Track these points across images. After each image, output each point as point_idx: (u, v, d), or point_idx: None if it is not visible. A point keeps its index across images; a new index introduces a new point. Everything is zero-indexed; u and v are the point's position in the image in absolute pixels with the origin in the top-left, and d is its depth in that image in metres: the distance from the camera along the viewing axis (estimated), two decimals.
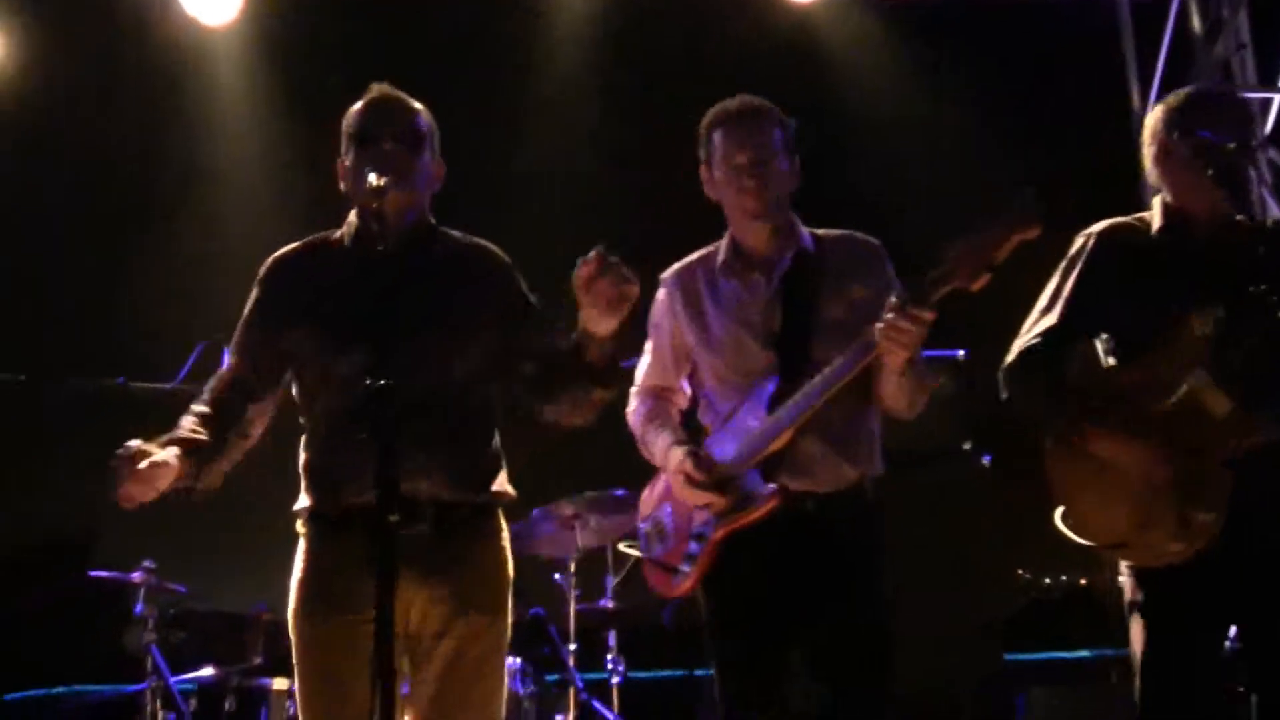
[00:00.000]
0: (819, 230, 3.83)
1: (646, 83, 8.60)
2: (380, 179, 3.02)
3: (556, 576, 6.14)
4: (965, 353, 5.46)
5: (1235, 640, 3.61)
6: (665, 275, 3.92)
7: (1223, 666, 3.49)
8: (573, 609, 6.05)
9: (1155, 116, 3.68)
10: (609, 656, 6.14)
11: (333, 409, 3.27)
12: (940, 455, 3.79)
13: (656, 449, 3.83)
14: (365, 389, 2.70)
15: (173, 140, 8.01)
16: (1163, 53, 7.83)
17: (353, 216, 3.43)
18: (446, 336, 3.28)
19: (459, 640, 3.22)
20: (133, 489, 2.98)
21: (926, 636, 3.65)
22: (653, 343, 3.93)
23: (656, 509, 3.92)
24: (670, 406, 3.93)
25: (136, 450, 3.00)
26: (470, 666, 3.23)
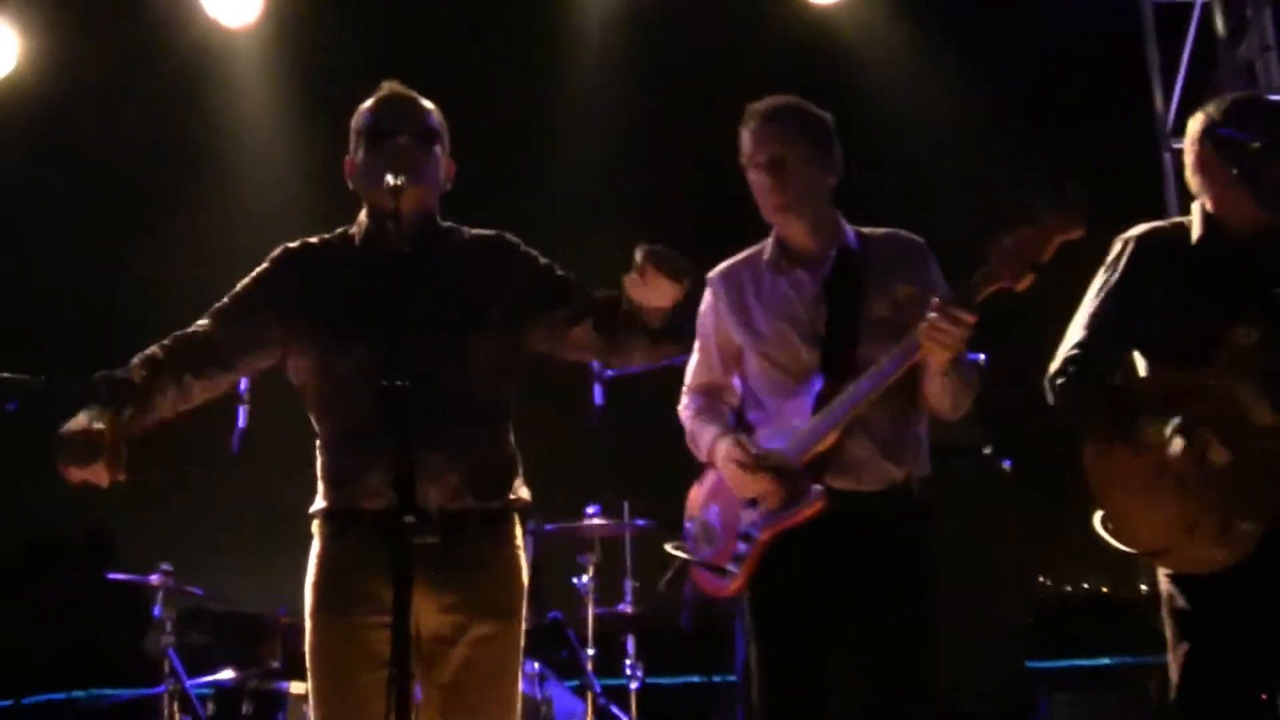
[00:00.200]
0: (865, 229, 3.81)
1: (668, 86, 8.60)
2: (397, 178, 2.99)
3: (575, 580, 6.11)
4: (986, 357, 5.42)
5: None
6: (711, 275, 3.89)
7: (1261, 675, 3.45)
8: (591, 613, 6.03)
9: (1192, 123, 3.65)
10: (627, 661, 6.11)
11: (345, 410, 3.24)
12: (961, 456, 3.75)
13: (703, 441, 3.80)
14: (381, 389, 2.68)
15: (191, 141, 8.02)
16: (1186, 54, 7.79)
17: (363, 215, 3.40)
18: (459, 337, 3.24)
19: (470, 648, 3.18)
20: (74, 471, 2.98)
21: (948, 635, 3.61)
22: (700, 342, 3.90)
23: (703, 509, 3.88)
24: (720, 404, 3.90)
25: (70, 433, 2.99)
26: (483, 674, 3.20)
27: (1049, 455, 3.64)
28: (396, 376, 2.69)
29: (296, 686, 5.63)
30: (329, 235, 3.43)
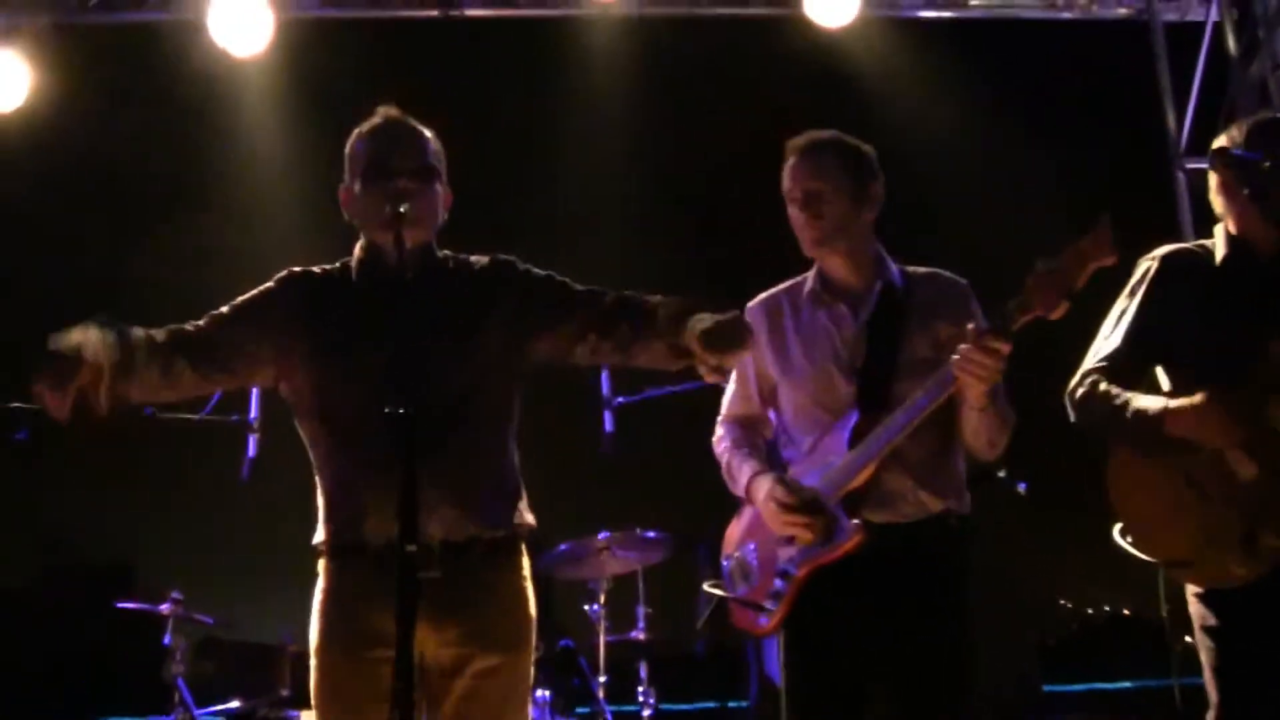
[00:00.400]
0: (909, 267, 3.81)
1: (681, 109, 8.60)
2: (400, 209, 3.00)
3: (587, 607, 6.08)
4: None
5: None
6: (750, 305, 3.88)
7: None
8: (603, 640, 5.99)
9: (1214, 144, 3.66)
10: (640, 689, 6.07)
11: (343, 440, 3.19)
12: (976, 480, 3.72)
13: (741, 478, 3.78)
14: (382, 419, 2.64)
15: (198, 170, 8.04)
16: (1198, 74, 7.76)
17: (359, 248, 3.37)
18: (459, 366, 3.20)
19: (473, 679, 3.13)
20: (45, 392, 2.90)
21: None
22: (736, 373, 3.87)
23: (740, 546, 3.85)
24: (756, 436, 3.89)
25: (58, 352, 2.92)
26: (487, 707, 3.14)
27: (1066, 478, 3.61)
28: (398, 405, 2.65)
29: (306, 715, 5.60)
30: (330, 266, 3.39)
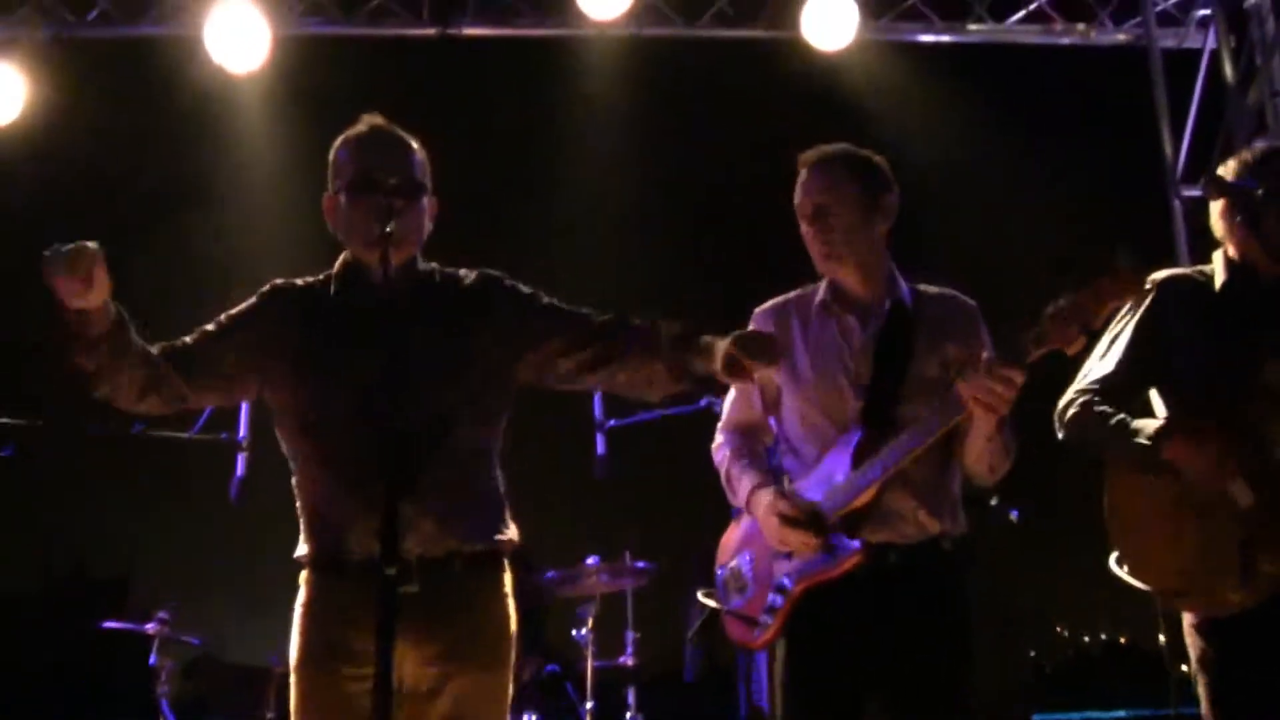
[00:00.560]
0: (920, 285, 3.78)
1: (679, 129, 8.60)
2: (385, 228, 2.96)
3: (574, 632, 6.04)
4: None
5: None
6: (758, 311, 3.84)
7: None
8: (590, 665, 5.94)
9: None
10: (629, 714, 6.03)
11: (325, 455, 3.15)
12: (968, 506, 3.70)
13: (741, 487, 3.75)
14: (364, 435, 2.61)
15: (192, 184, 8.03)
16: (1195, 101, 7.76)
17: (343, 260, 3.34)
18: (442, 381, 3.17)
19: (454, 699, 3.08)
20: (69, 282, 2.80)
21: None
22: None
23: (736, 556, 3.83)
24: (756, 444, 3.86)
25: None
26: None
27: (1064, 505, 3.60)
28: (377, 422, 2.62)
29: None
30: (314, 279, 3.36)
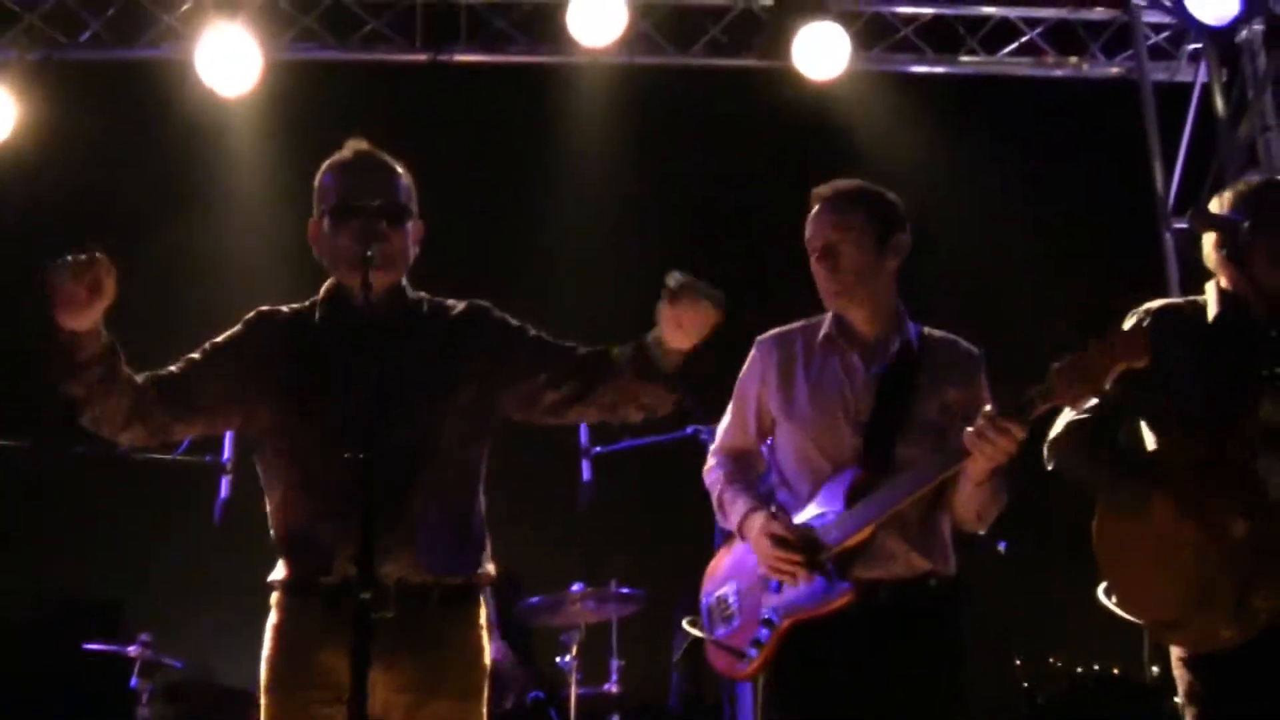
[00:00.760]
0: (926, 328, 3.79)
1: (671, 158, 8.60)
2: (369, 254, 2.97)
3: (559, 659, 6.01)
4: None
5: None
6: (762, 338, 3.85)
7: None
8: (574, 692, 5.90)
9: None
10: None
11: (305, 481, 3.13)
12: (958, 538, 3.71)
13: (733, 512, 3.73)
14: (344, 462, 2.59)
15: (183, 206, 8.03)
16: (1186, 134, 7.77)
17: (328, 286, 3.33)
18: (425, 409, 3.16)
19: None
20: (74, 290, 2.76)
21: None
22: (736, 404, 3.86)
23: (722, 585, 3.81)
24: (750, 471, 3.85)
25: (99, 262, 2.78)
26: None
27: (1058, 536, 3.60)
28: (358, 448, 2.60)
29: None
30: (300, 305, 3.35)
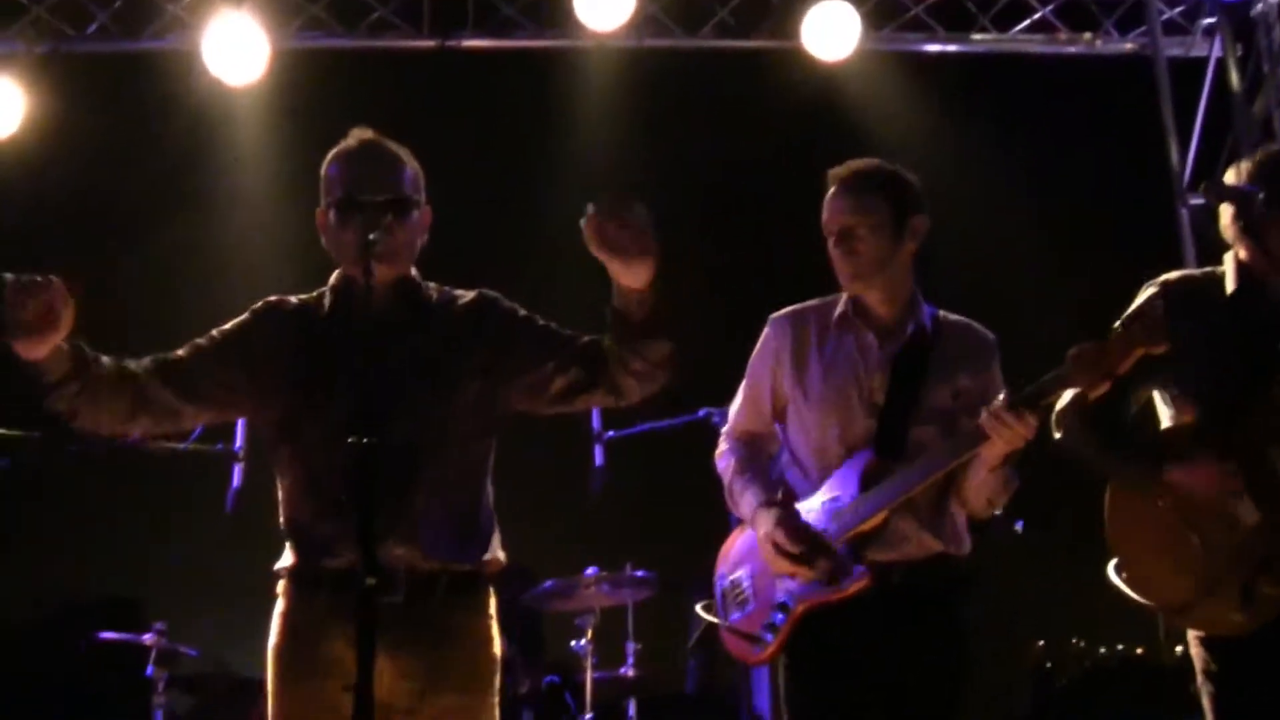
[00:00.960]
0: (941, 312, 3.76)
1: (680, 140, 8.56)
2: (371, 245, 2.94)
3: (574, 643, 6.00)
4: None
5: None
6: (776, 316, 3.80)
7: None
8: (589, 676, 5.89)
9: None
10: None
11: (312, 469, 3.12)
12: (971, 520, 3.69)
13: (744, 504, 3.71)
14: (347, 449, 2.57)
15: (190, 197, 8.02)
16: (1200, 110, 7.72)
17: (336, 276, 3.31)
18: (431, 395, 3.13)
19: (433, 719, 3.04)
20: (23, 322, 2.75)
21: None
22: (748, 384, 3.82)
23: (736, 568, 3.79)
24: (762, 454, 3.82)
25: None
26: None
27: (1080, 516, 3.59)
28: (362, 436, 2.59)
29: None
30: (308, 295, 3.34)
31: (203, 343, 3.23)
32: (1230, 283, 3.53)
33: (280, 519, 3.22)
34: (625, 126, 8.07)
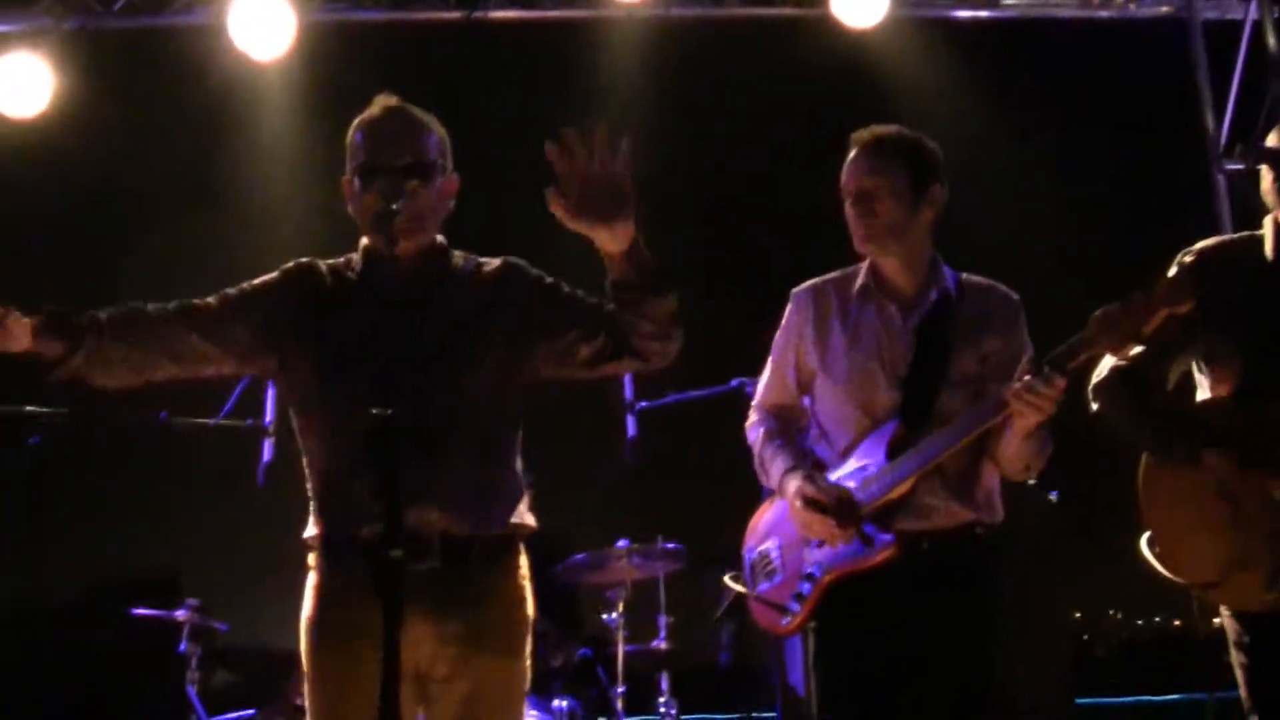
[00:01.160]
0: (964, 275, 3.73)
1: (707, 110, 8.51)
2: (392, 209, 2.95)
3: (605, 616, 5.99)
4: None
5: None
6: (798, 290, 3.80)
7: None
8: (621, 650, 5.89)
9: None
10: (661, 699, 5.99)
11: (338, 437, 3.11)
12: (1005, 489, 3.66)
13: (773, 471, 3.71)
14: (370, 419, 2.55)
15: (217, 172, 8.02)
16: (1237, 72, 7.61)
17: (363, 243, 3.29)
18: (456, 363, 3.11)
19: (472, 684, 3.04)
20: None
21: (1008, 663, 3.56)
22: (775, 359, 3.82)
23: (764, 540, 3.80)
24: (791, 426, 3.81)
25: None
26: (487, 710, 3.06)
27: (1118, 488, 3.55)
28: (387, 404, 2.56)
29: None
30: (336, 261, 3.32)
31: (231, 292, 3.24)
32: (1270, 247, 3.47)
33: (308, 487, 3.22)
34: (653, 97, 8.03)
